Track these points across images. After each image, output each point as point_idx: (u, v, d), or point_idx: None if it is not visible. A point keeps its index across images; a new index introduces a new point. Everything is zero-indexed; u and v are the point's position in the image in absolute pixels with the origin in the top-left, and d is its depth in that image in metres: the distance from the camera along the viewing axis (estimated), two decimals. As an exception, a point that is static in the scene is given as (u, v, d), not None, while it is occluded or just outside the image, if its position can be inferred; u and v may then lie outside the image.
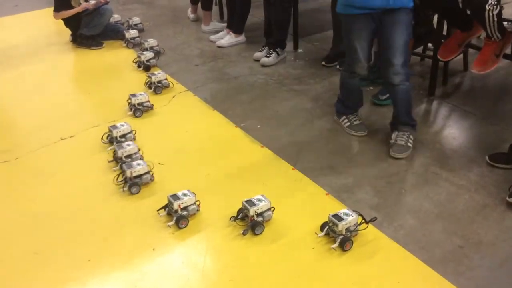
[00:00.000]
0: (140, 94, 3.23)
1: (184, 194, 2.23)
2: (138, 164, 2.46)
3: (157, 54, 4.09)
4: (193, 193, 2.25)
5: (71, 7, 4.27)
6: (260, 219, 2.15)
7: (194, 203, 2.25)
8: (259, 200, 2.17)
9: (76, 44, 4.48)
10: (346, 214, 2.06)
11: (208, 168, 2.62)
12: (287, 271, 1.96)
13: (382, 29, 2.54)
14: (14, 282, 1.98)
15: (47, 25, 5.02)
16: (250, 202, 2.16)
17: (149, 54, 3.93)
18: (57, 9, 4.31)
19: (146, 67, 3.87)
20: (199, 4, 4.81)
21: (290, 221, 2.22)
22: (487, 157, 2.53)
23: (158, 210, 2.28)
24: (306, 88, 3.50)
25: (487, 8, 2.58)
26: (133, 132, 2.90)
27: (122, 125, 2.86)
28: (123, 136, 2.84)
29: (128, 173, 2.43)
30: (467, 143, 2.80)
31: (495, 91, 3.39)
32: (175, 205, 2.19)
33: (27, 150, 2.88)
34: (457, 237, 2.09)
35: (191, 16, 5.08)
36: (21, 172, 2.72)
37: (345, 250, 2.02)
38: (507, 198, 2.23)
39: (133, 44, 4.41)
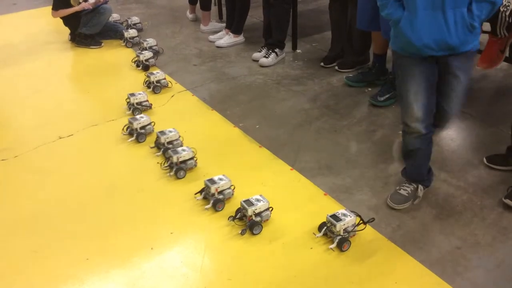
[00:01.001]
0: (139, 94, 3.24)
1: (220, 179, 2.34)
2: (183, 150, 2.57)
3: (156, 53, 4.10)
4: (228, 178, 2.35)
5: (70, 6, 4.27)
6: (258, 219, 2.16)
7: (229, 187, 2.34)
8: (257, 200, 2.18)
9: (75, 43, 4.48)
10: (344, 215, 2.06)
11: (207, 168, 2.62)
12: (285, 271, 1.96)
13: (439, 72, 2.06)
14: (13, 280, 1.98)
15: (46, 23, 5.01)
16: (248, 202, 2.16)
17: (148, 54, 3.93)
18: (55, 8, 4.32)
19: (145, 66, 3.87)
20: (198, 4, 4.81)
21: (288, 221, 2.22)
22: (485, 159, 2.54)
23: (195, 194, 2.37)
24: (305, 89, 3.50)
25: (501, 9, 2.62)
26: (152, 123, 2.94)
27: (142, 117, 2.94)
28: (143, 127, 2.91)
29: (174, 159, 2.52)
30: (464, 144, 2.81)
31: (493, 93, 3.40)
32: (212, 189, 2.29)
33: (26, 148, 2.88)
34: (455, 238, 2.09)
35: (190, 16, 5.09)
36: (19, 171, 2.72)
37: (343, 251, 2.03)
38: (503, 199, 2.25)
39: (132, 43, 4.41)
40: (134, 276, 1.97)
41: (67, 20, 4.40)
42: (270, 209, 2.21)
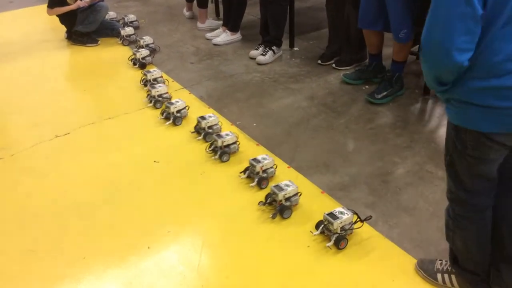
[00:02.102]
0: (159, 86, 3.31)
1: (264, 158, 2.46)
2: (227, 135, 2.67)
3: (153, 51, 4.09)
4: (271, 157, 2.47)
5: (65, 4, 4.25)
6: (288, 203, 2.21)
7: (272, 167, 2.46)
8: (287, 185, 2.25)
9: (71, 41, 4.47)
10: (341, 213, 2.06)
11: (203, 166, 2.62)
12: (282, 269, 1.96)
13: None
14: (9, 279, 1.98)
15: (42, 21, 5.00)
16: (278, 187, 2.23)
17: (144, 52, 3.92)
18: (50, 5, 4.30)
19: (141, 64, 3.86)
20: (195, 1, 4.80)
21: (285, 220, 2.22)
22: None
23: (240, 173, 2.48)
24: (302, 87, 3.50)
25: None
26: (187, 107, 3.07)
27: (177, 101, 3.07)
28: (179, 111, 3.04)
29: (219, 143, 2.62)
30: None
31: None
32: (257, 168, 2.41)
33: (22, 147, 2.87)
34: (452, 236, 2.09)
35: (187, 13, 5.07)
36: (16, 169, 2.71)
37: (340, 249, 2.03)
38: None
39: (128, 41, 4.40)
40: (131, 275, 1.96)
41: (63, 18, 4.39)
42: (299, 194, 2.25)
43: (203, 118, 2.86)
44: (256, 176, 2.42)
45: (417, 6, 3.00)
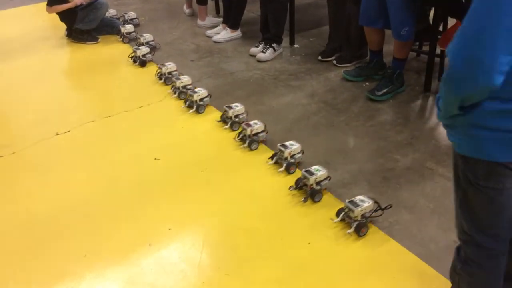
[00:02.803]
0: (184, 77, 3.37)
1: (291, 144, 2.54)
2: (255, 123, 2.75)
3: (153, 49, 4.09)
4: (298, 143, 2.54)
5: (65, 2, 4.25)
6: (318, 187, 2.29)
7: (300, 152, 2.54)
8: (317, 170, 2.32)
9: (71, 38, 4.47)
10: (362, 201, 2.11)
11: (203, 164, 2.62)
12: (282, 267, 1.97)
13: None
14: (10, 277, 1.98)
15: (43, 19, 4.99)
16: (309, 172, 2.30)
17: (144, 49, 3.92)
18: (50, 3, 4.30)
19: (141, 62, 3.86)
20: (195, -2, 4.81)
21: (285, 217, 2.22)
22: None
23: (268, 158, 2.58)
24: (302, 84, 3.50)
25: None
26: (209, 96, 3.17)
27: (200, 90, 3.17)
28: (202, 99, 3.15)
29: (248, 131, 2.71)
30: (462, 139, 2.81)
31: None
32: (286, 153, 2.50)
33: (23, 145, 2.88)
34: (452, 233, 2.05)
35: (187, 11, 5.07)
36: (17, 167, 2.71)
37: (361, 236, 2.06)
38: None
39: (128, 39, 4.40)
40: (132, 273, 1.97)
41: (63, 16, 4.38)
42: (328, 178, 2.32)
43: (230, 107, 2.93)
44: (284, 161, 2.49)
45: (418, 6, 3.01)
